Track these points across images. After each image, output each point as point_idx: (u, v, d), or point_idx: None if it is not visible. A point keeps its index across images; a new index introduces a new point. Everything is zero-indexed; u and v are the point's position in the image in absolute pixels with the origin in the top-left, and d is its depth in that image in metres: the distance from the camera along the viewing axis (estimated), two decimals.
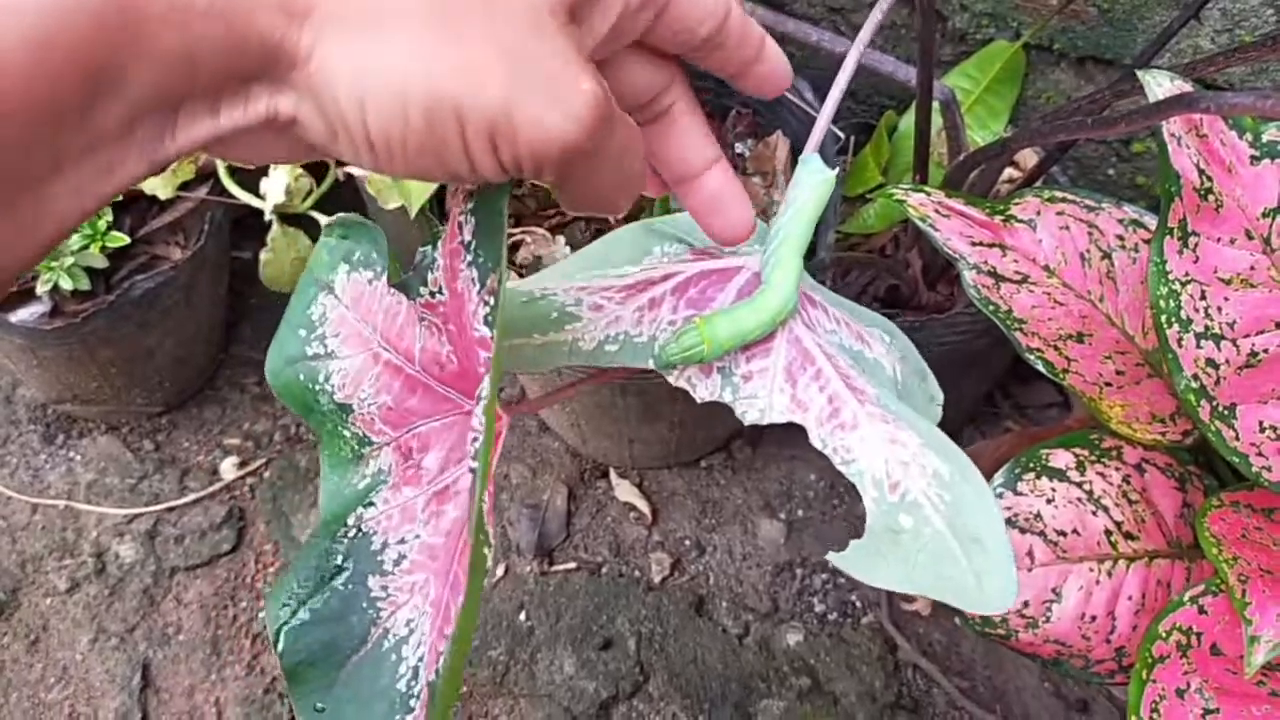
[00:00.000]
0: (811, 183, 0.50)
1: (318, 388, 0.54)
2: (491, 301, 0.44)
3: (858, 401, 0.48)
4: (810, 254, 1.08)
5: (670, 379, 0.48)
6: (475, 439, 0.45)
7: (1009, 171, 1.07)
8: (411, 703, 0.49)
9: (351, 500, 0.53)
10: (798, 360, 0.49)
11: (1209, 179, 0.61)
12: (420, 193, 0.88)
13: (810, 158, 0.50)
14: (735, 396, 0.48)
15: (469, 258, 0.47)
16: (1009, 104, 1.07)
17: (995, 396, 1.22)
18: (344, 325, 0.55)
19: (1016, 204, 0.76)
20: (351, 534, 0.52)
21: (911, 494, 0.45)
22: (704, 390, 0.48)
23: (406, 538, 0.51)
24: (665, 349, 0.47)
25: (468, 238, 0.47)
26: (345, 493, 0.53)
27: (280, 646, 0.50)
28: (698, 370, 0.48)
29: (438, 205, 0.99)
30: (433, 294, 0.51)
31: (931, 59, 0.80)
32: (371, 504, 0.52)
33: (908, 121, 1.10)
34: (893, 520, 0.44)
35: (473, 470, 0.43)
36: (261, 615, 1.12)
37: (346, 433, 0.54)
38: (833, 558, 0.43)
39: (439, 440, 0.53)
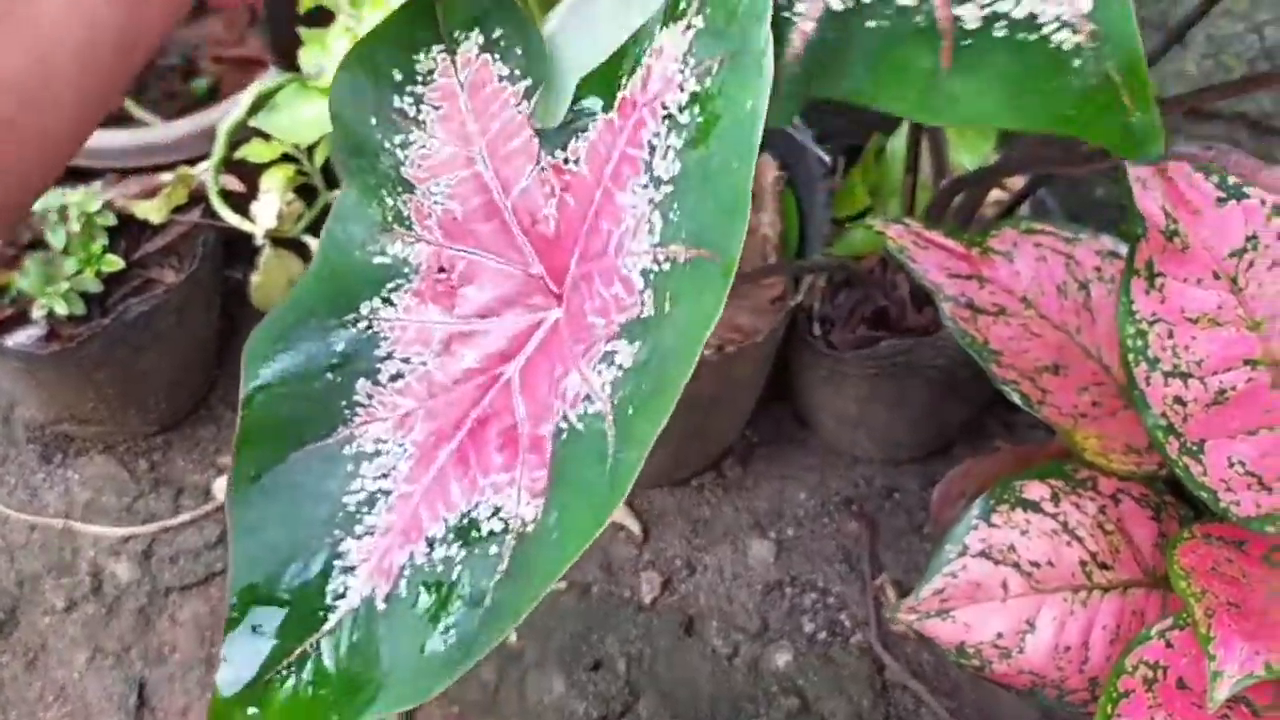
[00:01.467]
0: None
1: (386, 144, 0.50)
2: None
3: None
4: (800, 251, 1.09)
5: None
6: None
7: (996, 193, 1.08)
8: (357, 529, 0.47)
9: (366, 275, 0.49)
10: None
11: (1175, 221, 0.62)
12: None
13: None
14: None
15: (651, 191, 0.44)
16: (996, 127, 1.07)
17: (984, 415, 1.23)
18: (450, 104, 0.50)
19: (994, 236, 0.77)
20: (360, 327, 0.49)
21: None
22: None
23: (412, 359, 0.49)
24: None
25: (661, 174, 0.43)
26: (356, 255, 0.50)
27: (246, 404, 0.47)
28: None
29: None
30: (568, 161, 0.48)
31: None
32: (390, 302, 0.49)
33: (894, 144, 1.10)
34: None
35: None
36: None
37: (389, 200, 0.50)
38: None
39: (490, 282, 0.49)
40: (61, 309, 1.02)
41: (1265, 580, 0.68)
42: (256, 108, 0.99)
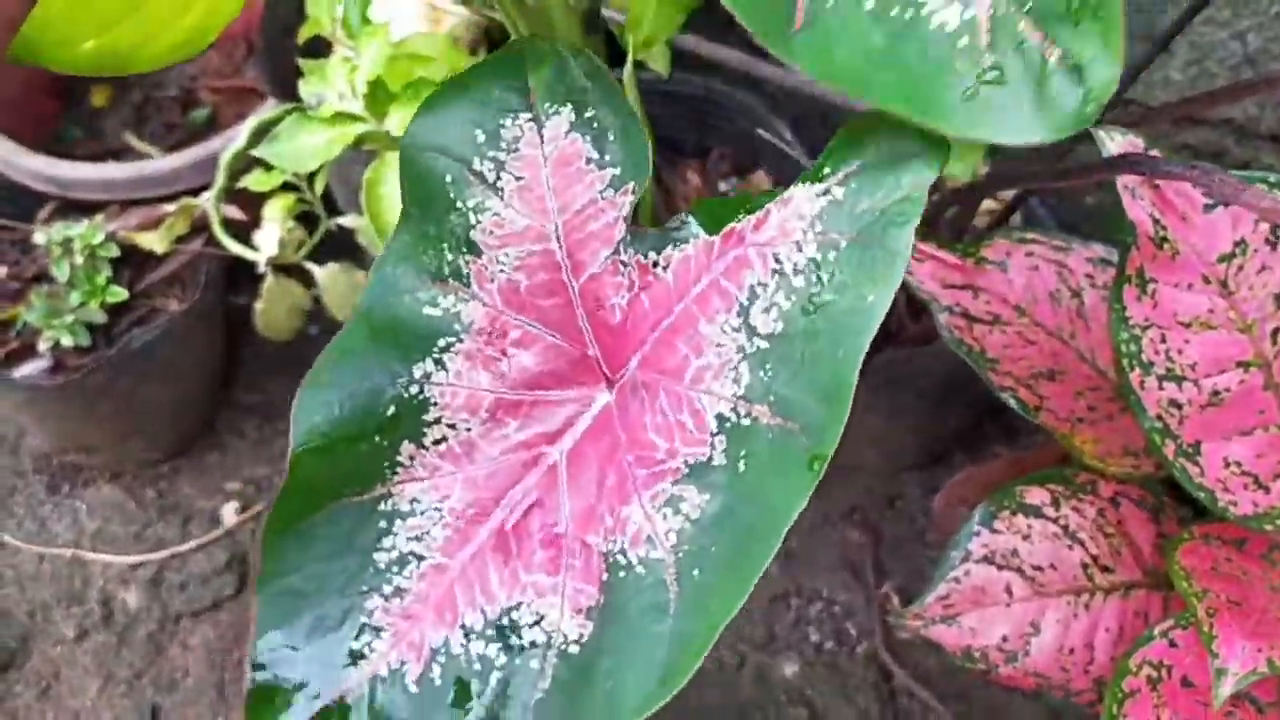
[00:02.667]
0: None
1: (460, 204, 0.49)
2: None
3: None
4: None
5: None
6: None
7: (988, 203, 1.09)
8: (385, 588, 0.46)
9: (416, 326, 0.49)
10: None
11: (1164, 228, 0.63)
12: None
13: None
14: None
15: (743, 339, 0.44)
16: None
17: (984, 422, 1.24)
18: (532, 175, 0.50)
19: (987, 246, 0.78)
20: (413, 391, 0.48)
21: None
22: None
23: (458, 425, 0.48)
24: None
25: (758, 325, 0.44)
26: (405, 301, 0.49)
27: (292, 458, 0.47)
28: None
29: None
30: (656, 265, 0.48)
31: None
32: (443, 365, 0.48)
33: None
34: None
35: None
36: None
37: (449, 254, 0.49)
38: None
39: (544, 355, 0.49)
40: (67, 340, 1.03)
41: (1265, 578, 0.69)
42: (257, 137, 1.00)
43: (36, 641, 1.14)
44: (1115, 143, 0.61)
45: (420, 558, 0.47)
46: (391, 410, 0.48)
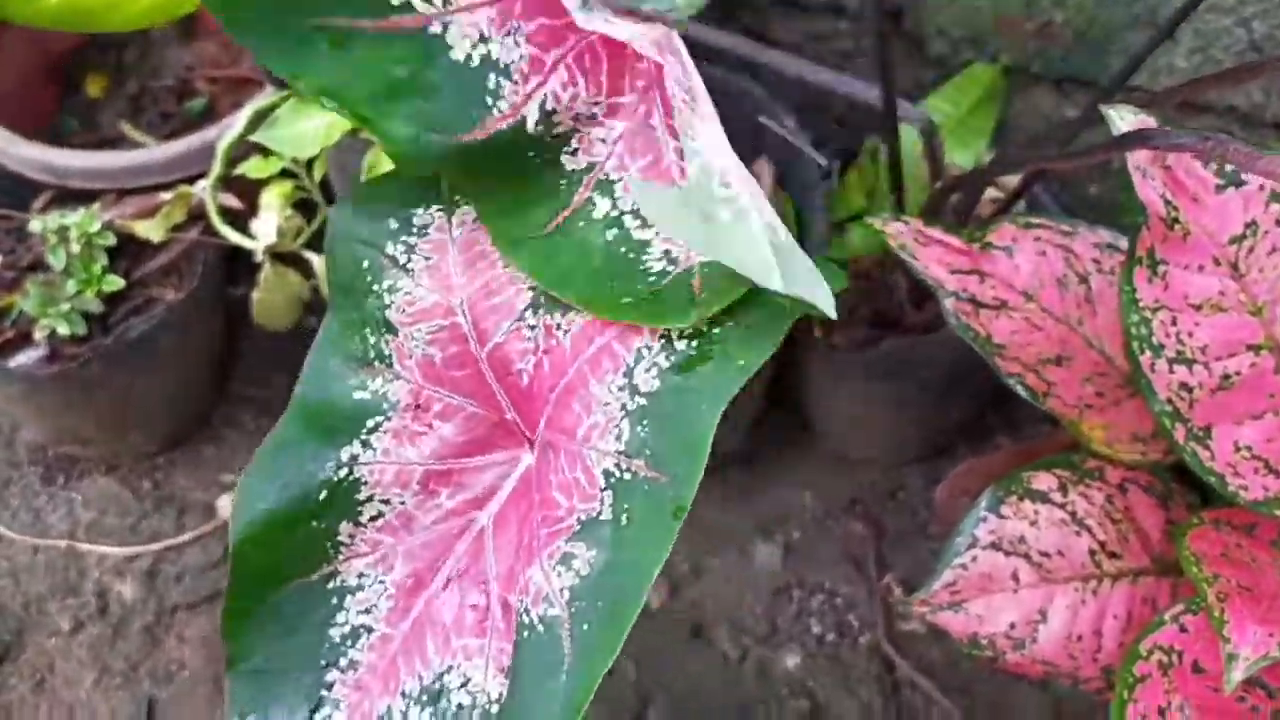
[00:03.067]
0: None
1: (375, 287, 0.51)
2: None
3: (709, 111, 0.45)
4: (802, 239, 1.09)
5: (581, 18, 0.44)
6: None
7: (992, 191, 1.09)
8: (341, 661, 0.49)
9: (345, 411, 0.50)
10: (668, 44, 0.46)
11: (1175, 209, 0.62)
12: None
13: None
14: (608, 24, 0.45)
15: (625, 397, 0.47)
16: (989, 125, 1.08)
17: (986, 413, 1.23)
18: (440, 256, 0.52)
19: (993, 231, 0.77)
20: (342, 474, 0.50)
21: (741, 200, 0.42)
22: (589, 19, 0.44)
23: (391, 499, 0.50)
24: None
25: (640, 384, 0.46)
26: (335, 389, 0.51)
27: (233, 549, 0.49)
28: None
29: None
30: (559, 327, 0.50)
31: (892, 81, 0.81)
32: (369, 445, 0.50)
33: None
34: (712, 208, 0.42)
35: None
36: None
37: (371, 338, 0.51)
38: (637, 192, 0.42)
39: (465, 424, 0.51)
40: (63, 330, 1.02)
41: (1276, 564, 0.68)
42: (255, 124, 0.99)
43: (31, 634, 1.13)
44: (1126, 121, 0.60)
45: (369, 629, 0.50)
46: (324, 494, 0.49)
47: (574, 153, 0.51)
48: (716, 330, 0.47)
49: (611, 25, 0.44)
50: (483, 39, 0.48)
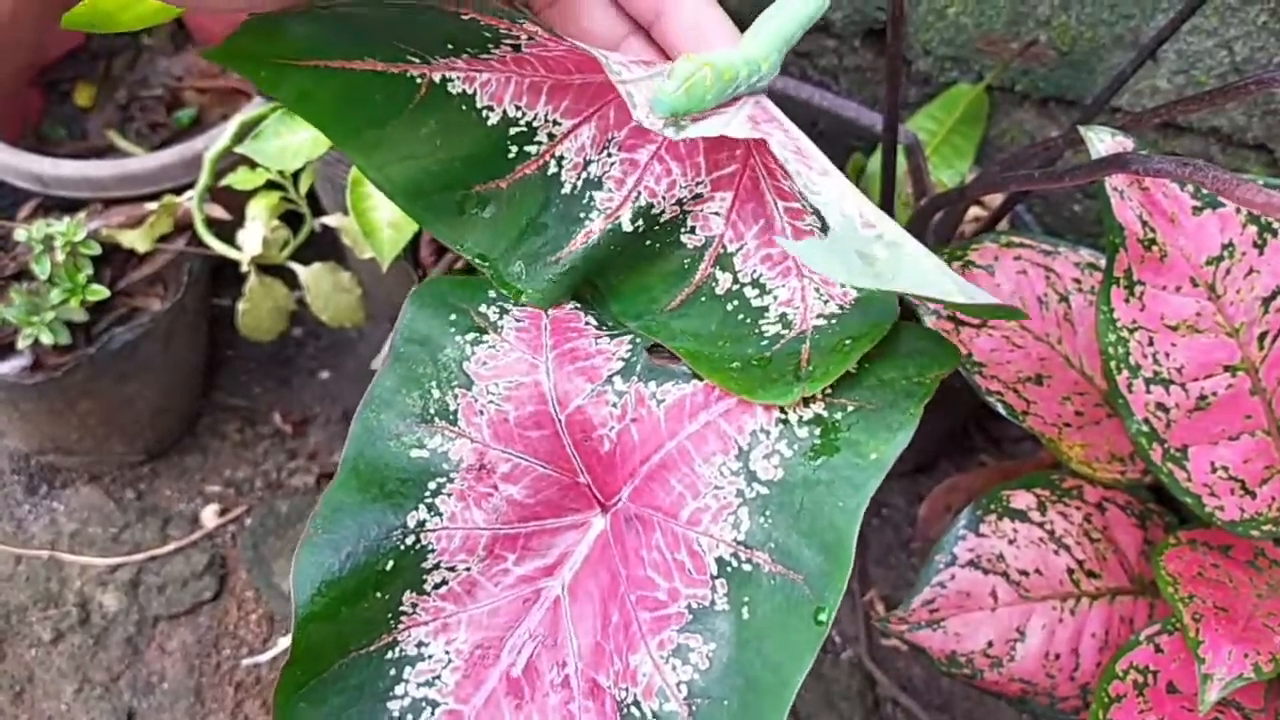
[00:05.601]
0: None
1: (458, 338, 0.50)
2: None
3: (828, 164, 0.43)
4: None
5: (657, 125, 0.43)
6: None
7: (975, 210, 1.09)
8: None
9: (404, 470, 0.48)
10: (761, 114, 0.45)
11: (1152, 230, 0.63)
12: (392, 245, 0.89)
13: None
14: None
15: (742, 483, 0.45)
16: (974, 144, 1.09)
17: (969, 430, 1.24)
18: (532, 321, 0.51)
19: (975, 249, 0.78)
20: (409, 542, 0.47)
21: (889, 233, 0.40)
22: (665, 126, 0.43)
23: (457, 567, 0.48)
24: (666, 91, 0.42)
25: (759, 472, 0.45)
26: (392, 446, 0.48)
27: (297, 623, 0.46)
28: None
29: (413, 256, 1.00)
30: (654, 396, 0.49)
31: (897, 105, 0.82)
32: (435, 510, 0.48)
33: (875, 164, 1.11)
34: (866, 248, 0.40)
35: None
36: (244, 663, 1.12)
37: (436, 393, 0.49)
38: (788, 246, 0.39)
39: (535, 486, 0.49)
40: (47, 338, 1.02)
41: (1251, 584, 0.68)
42: (242, 135, 0.99)
43: (11, 644, 1.13)
44: (1104, 143, 0.60)
45: (434, 704, 0.46)
46: (390, 564, 0.47)
47: (692, 230, 0.51)
48: (839, 416, 0.45)
49: (705, 127, 0.42)
50: (586, 164, 0.49)
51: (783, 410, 0.46)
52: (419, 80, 0.46)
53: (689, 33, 0.44)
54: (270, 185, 1.03)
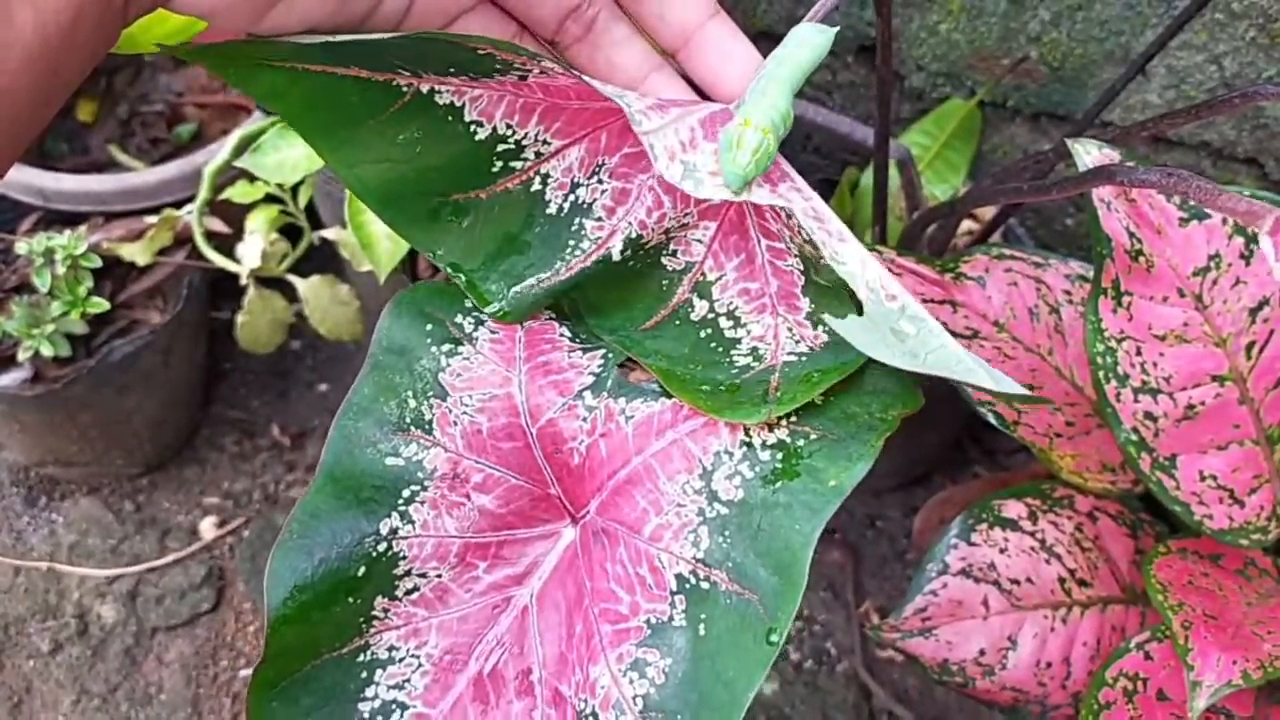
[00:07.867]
0: (805, 38, 0.45)
1: (434, 349, 0.50)
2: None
3: (843, 227, 0.44)
4: None
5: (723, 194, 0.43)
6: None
7: (968, 224, 1.10)
8: None
9: (378, 478, 0.48)
10: (777, 171, 0.44)
11: (1139, 241, 0.64)
12: (390, 257, 0.90)
13: (802, 27, 0.46)
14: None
15: (703, 502, 0.46)
16: (966, 159, 1.10)
17: (963, 442, 1.25)
18: (506, 333, 0.52)
19: (966, 262, 0.79)
20: (381, 549, 0.48)
21: (912, 308, 0.41)
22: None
23: (429, 573, 0.48)
24: (740, 164, 0.41)
25: (720, 492, 0.46)
26: (365, 455, 0.49)
27: (269, 626, 0.47)
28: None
29: (410, 269, 1.01)
30: (624, 413, 0.50)
31: (888, 121, 0.83)
32: (408, 518, 0.48)
33: (869, 178, 1.12)
34: (894, 322, 0.41)
35: None
36: (242, 674, 1.13)
37: (412, 402, 0.49)
38: (833, 323, 0.40)
39: (506, 496, 0.50)
40: (47, 351, 1.02)
41: (1240, 592, 0.69)
42: (241, 150, 1.00)
43: (9, 655, 1.13)
44: (1091, 156, 0.61)
45: (404, 706, 0.47)
46: (362, 570, 0.48)
47: (674, 254, 0.51)
48: (801, 443, 0.45)
49: (776, 198, 0.42)
50: (574, 186, 0.50)
51: (747, 433, 0.46)
52: (405, 89, 0.46)
53: (721, 68, 0.44)
54: (269, 199, 1.04)
